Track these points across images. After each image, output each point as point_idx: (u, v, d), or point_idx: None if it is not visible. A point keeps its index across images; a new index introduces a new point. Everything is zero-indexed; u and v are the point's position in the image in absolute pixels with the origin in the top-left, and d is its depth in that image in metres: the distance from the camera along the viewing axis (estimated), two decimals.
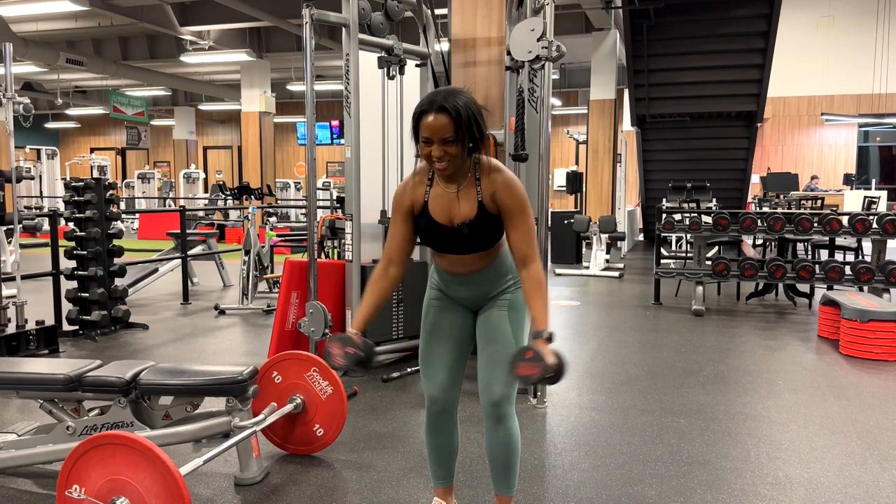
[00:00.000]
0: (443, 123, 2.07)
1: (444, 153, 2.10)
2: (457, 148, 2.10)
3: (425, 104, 2.11)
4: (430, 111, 2.08)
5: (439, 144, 2.09)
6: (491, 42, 4.52)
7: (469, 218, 2.18)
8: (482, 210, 2.18)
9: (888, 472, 3.07)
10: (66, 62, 14.81)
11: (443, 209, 2.22)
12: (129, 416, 2.87)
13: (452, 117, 2.06)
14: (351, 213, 4.56)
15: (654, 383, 4.42)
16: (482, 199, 2.18)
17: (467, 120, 2.08)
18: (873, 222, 6.32)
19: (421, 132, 2.11)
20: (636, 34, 11.44)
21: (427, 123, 2.08)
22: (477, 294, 2.34)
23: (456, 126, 2.07)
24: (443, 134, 2.07)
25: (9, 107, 5.03)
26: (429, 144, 2.11)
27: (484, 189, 2.18)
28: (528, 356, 2.03)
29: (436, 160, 2.11)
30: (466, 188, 2.20)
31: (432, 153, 2.11)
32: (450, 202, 2.21)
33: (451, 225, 2.21)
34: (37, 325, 5.15)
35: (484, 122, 2.15)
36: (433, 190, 2.24)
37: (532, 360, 2.02)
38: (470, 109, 2.10)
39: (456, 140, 2.09)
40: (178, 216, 7.81)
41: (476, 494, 2.83)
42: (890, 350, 4.98)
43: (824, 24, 17.02)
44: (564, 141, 19.87)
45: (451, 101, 2.08)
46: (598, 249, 9.96)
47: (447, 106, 2.07)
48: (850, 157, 18.00)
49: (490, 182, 2.18)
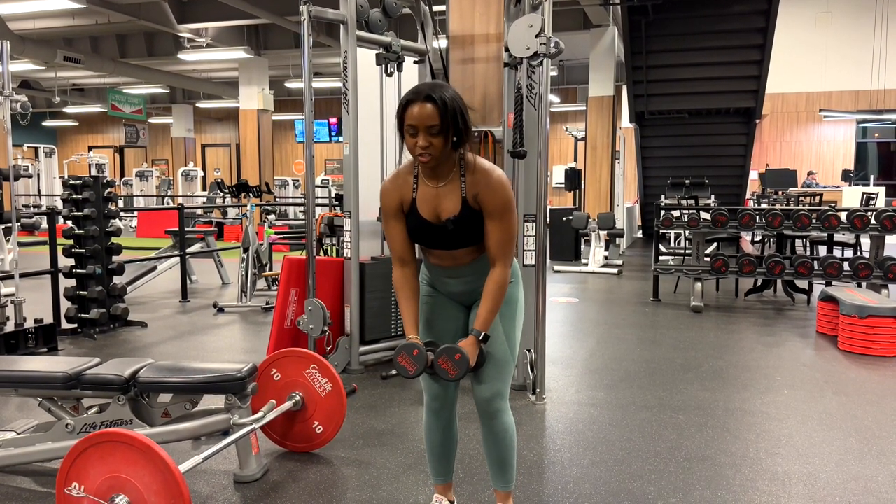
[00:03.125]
0: (428, 112, 2.07)
1: (430, 143, 2.09)
2: (441, 139, 2.10)
3: (411, 94, 2.12)
4: (416, 100, 2.09)
5: (424, 134, 2.09)
6: (489, 38, 4.52)
7: (454, 214, 2.19)
8: (466, 206, 2.19)
9: (887, 467, 3.08)
10: (63, 60, 14.78)
11: (428, 205, 2.23)
12: (128, 414, 2.87)
13: (438, 107, 2.07)
14: (349, 211, 4.55)
15: (653, 380, 4.42)
16: (466, 196, 2.19)
17: (452, 111, 2.09)
18: (871, 218, 6.32)
19: (406, 121, 2.10)
20: (634, 31, 11.42)
21: (412, 113, 2.08)
22: (467, 288, 2.34)
23: (441, 116, 2.07)
24: (428, 122, 2.07)
25: (6, 105, 5.02)
26: (414, 135, 2.11)
27: (468, 187, 2.19)
28: (456, 357, 2.13)
29: (420, 150, 2.11)
30: (451, 184, 2.21)
31: (417, 143, 2.10)
32: (435, 198, 2.22)
33: (438, 221, 2.22)
34: (35, 324, 5.15)
35: (469, 118, 2.16)
36: (420, 187, 2.24)
37: (457, 362, 2.13)
38: (456, 102, 2.11)
39: (441, 131, 2.08)
40: (176, 214, 7.81)
41: (475, 491, 2.83)
42: (888, 346, 4.98)
43: (822, 21, 17.01)
44: (563, 138, 19.85)
45: (437, 91, 2.09)
46: (596, 246, 9.96)
47: (433, 96, 2.08)
48: (848, 154, 18.01)
49: (475, 182, 2.19)
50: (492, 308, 2.21)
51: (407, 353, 2.16)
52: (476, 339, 2.19)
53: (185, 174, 20.07)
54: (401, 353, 2.17)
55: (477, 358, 2.19)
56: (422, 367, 2.15)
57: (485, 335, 2.21)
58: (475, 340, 2.19)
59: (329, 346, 4.58)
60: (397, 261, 2.31)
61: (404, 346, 2.17)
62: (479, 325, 2.21)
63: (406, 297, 2.30)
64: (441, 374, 2.14)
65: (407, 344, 2.17)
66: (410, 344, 2.17)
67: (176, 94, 23.10)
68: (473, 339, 2.19)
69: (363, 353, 4.68)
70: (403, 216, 2.28)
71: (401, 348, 2.17)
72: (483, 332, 2.20)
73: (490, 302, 2.21)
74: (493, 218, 2.19)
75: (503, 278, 2.21)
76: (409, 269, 2.30)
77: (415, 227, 2.26)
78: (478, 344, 2.19)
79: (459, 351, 2.13)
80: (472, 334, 2.21)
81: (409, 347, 2.16)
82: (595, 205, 13.41)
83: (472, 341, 2.19)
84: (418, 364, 2.15)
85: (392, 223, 2.29)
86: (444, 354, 2.14)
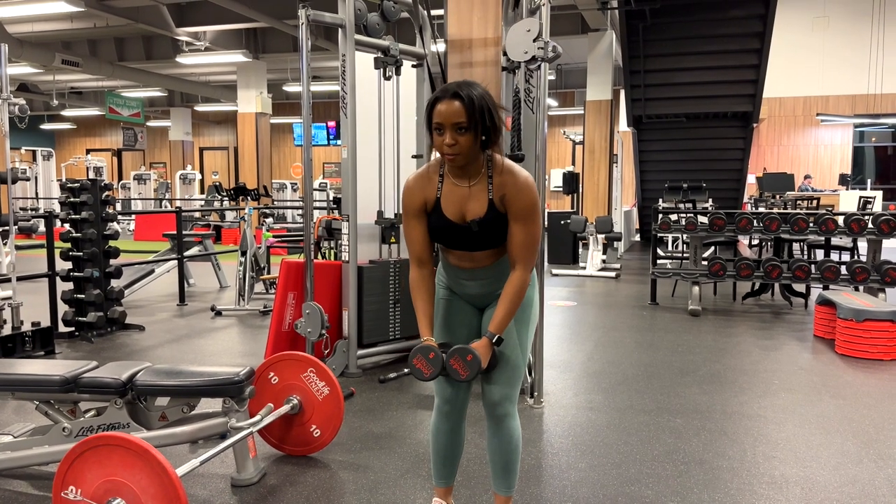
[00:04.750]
0: (455, 109, 2.05)
1: (456, 141, 2.07)
2: (468, 137, 2.07)
3: (439, 92, 2.11)
4: (443, 98, 2.08)
5: (451, 132, 2.07)
6: (487, 43, 4.53)
7: (479, 216, 2.17)
8: (492, 208, 2.17)
9: (884, 470, 3.08)
10: (61, 63, 14.77)
11: (454, 205, 2.20)
12: (125, 418, 2.86)
13: (465, 104, 2.05)
14: (347, 214, 4.55)
15: (651, 383, 4.42)
16: (493, 198, 2.17)
17: (480, 109, 2.06)
18: (869, 222, 6.33)
19: (434, 119, 2.09)
20: (632, 35, 11.45)
21: (439, 110, 2.07)
22: (484, 290, 2.33)
23: (468, 113, 2.05)
24: (454, 119, 2.05)
25: (4, 108, 5.02)
26: (441, 133, 2.09)
27: (496, 188, 2.16)
28: (468, 358, 2.11)
29: (447, 149, 2.09)
30: (478, 185, 2.18)
31: (444, 142, 2.08)
32: (461, 198, 2.20)
33: (462, 222, 2.19)
34: (33, 327, 5.14)
35: (499, 117, 2.13)
36: (445, 186, 2.21)
37: (469, 363, 2.10)
38: (484, 100, 2.09)
39: (468, 128, 2.06)
40: (174, 217, 7.80)
41: (473, 495, 2.83)
42: (885, 349, 4.99)
43: (819, 25, 17.06)
44: (561, 141, 19.87)
45: (465, 89, 2.07)
46: (594, 250, 9.97)
47: (461, 93, 2.06)
48: (845, 158, 18.04)
49: (502, 183, 2.16)
50: (508, 311, 2.18)
51: (423, 355, 2.14)
52: (489, 341, 2.17)
53: (182, 177, 20.06)
54: (416, 356, 2.15)
55: (489, 360, 2.17)
56: (437, 370, 2.14)
57: (498, 338, 2.18)
58: (488, 342, 2.17)
59: (327, 350, 4.58)
60: (415, 261, 2.28)
61: (420, 348, 2.16)
62: (494, 328, 2.18)
63: (422, 298, 2.27)
64: (453, 374, 2.12)
65: (423, 346, 2.16)
66: (426, 346, 2.15)
67: (174, 98, 23.10)
68: (487, 340, 2.17)
69: (361, 356, 4.67)
70: (425, 216, 2.25)
71: (416, 350, 2.16)
72: (497, 334, 2.18)
73: (507, 304, 2.18)
74: (517, 220, 2.17)
75: (523, 282, 2.19)
76: (426, 270, 2.28)
77: (438, 226, 2.23)
78: (491, 346, 2.17)
79: (472, 352, 2.11)
80: (486, 336, 2.18)
81: (425, 350, 2.15)
82: (593, 208, 13.43)
83: (485, 343, 2.17)
84: (434, 367, 2.14)
85: (413, 223, 2.26)
86: (457, 355, 2.12)
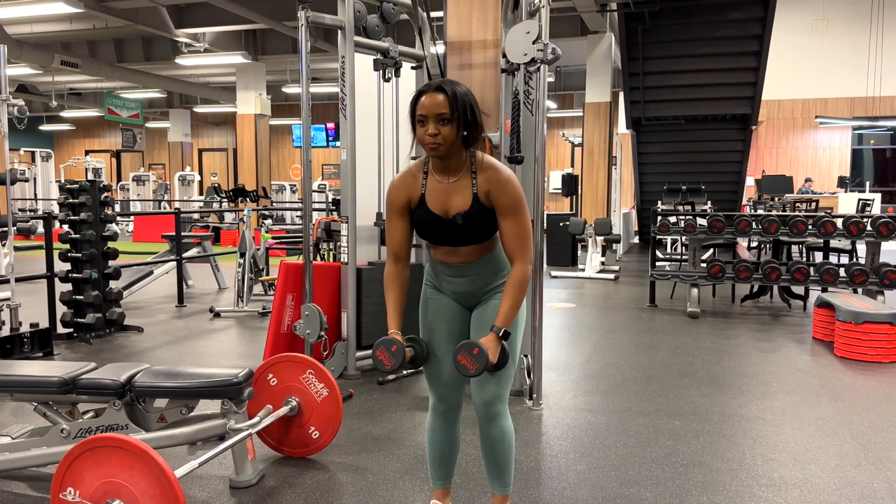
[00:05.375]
0: (438, 101, 2.11)
1: (438, 132, 2.12)
2: (451, 128, 2.12)
3: (423, 87, 2.18)
4: (427, 91, 2.15)
5: (434, 122, 2.12)
6: (486, 45, 4.53)
7: (464, 209, 2.20)
8: (477, 202, 2.20)
9: (882, 473, 3.08)
10: (60, 64, 14.76)
11: (438, 200, 2.24)
12: (123, 419, 2.86)
13: (448, 96, 2.11)
14: (346, 216, 4.55)
15: (650, 385, 4.42)
16: (477, 192, 2.20)
17: (462, 104, 2.13)
18: (867, 225, 6.34)
19: (417, 111, 2.14)
20: (631, 37, 11.46)
21: (423, 102, 2.13)
22: (471, 288, 2.34)
23: (451, 105, 2.11)
24: (437, 110, 2.11)
25: (3, 109, 5.01)
26: (424, 125, 2.14)
27: (479, 184, 2.20)
28: (475, 352, 2.10)
29: (429, 139, 2.13)
30: (462, 180, 2.22)
31: (427, 131, 2.13)
32: (445, 193, 2.23)
33: (446, 216, 2.23)
34: (31, 328, 5.13)
35: (480, 115, 2.20)
36: (429, 183, 2.25)
37: (476, 357, 2.09)
38: (467, 97, 2.16)
39: (451, 119, 2.12)
40: (173, 218, 7.80)
41: (471, 496, 2.83)
42: (884, 352, 4.99)
43: (818, 28, 17.08)
44: (560, 143, 19.89)
45: (448, 84, 2.15)
46: (593, 252, 9.97)
47: (444, 87, 2.13)
48: (844, 160, 18.06)
49: (486, 179, 2.20)
50: (513, 304, 2.19)
51: (386, 347, 2.17)
52: (496, 336, 2.16)
53: (181, 179, 20.04)
54: (379, 348, 2.18)
55: (499, 356, 2.15)
56: (398, 363, 2.16)
57: (505, 332, 2.17)
58: (496, 337, 2.16)
59: (325, 351, 4.58)
60: (392, 256, 2.33)
61: (383, 340, 2.18)
62: (501, 322, 2.17)
63: (393, 290, 2.31)
64: (461, 370, 2.11)
65: (386, 339, 2.18)
66: (389, 339, 2.18)
67: (173, 99, 23.09)
68: (494, 335, 2.16)
69: (360, 358, 4.67)
70: (407, 213, 2.29)
71: (380, 342, 2.18)
72: (504, 328, 2.17)
73: (511, 298, 2.19)
74: (505, 215, 2.20)
75: (523, 274, 2.20)
76: (401, 265, 2.33)
77: (423, 221, 2.26)
78: (498, 340, 2.16)
79: (478, 345, 2.10)
80: (493, 331, 2.17)
81: (388, 343, 2.17)
82: (592, 210, 13.44)
83: (493, 338, 2.15)
84: (395, 359, 2.16)
85: (395, 219, 2.31)
86: (463, 350, 2.11)
